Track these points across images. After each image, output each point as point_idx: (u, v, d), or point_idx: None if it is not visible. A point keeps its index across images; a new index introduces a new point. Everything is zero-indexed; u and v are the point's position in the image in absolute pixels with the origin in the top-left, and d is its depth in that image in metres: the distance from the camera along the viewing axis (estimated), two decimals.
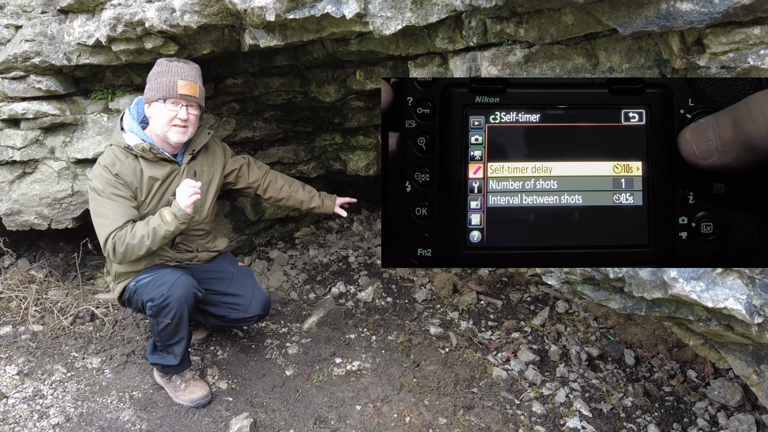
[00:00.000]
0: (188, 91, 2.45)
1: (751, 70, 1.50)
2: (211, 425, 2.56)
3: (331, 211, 3.12)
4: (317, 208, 3.09)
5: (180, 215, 2.40)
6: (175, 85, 2.43)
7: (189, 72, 2.48)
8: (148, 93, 2.49)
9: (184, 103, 2.46)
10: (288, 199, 3.05)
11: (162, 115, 2.46)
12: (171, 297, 2.43)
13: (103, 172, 2.44)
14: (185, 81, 2.44)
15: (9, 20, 3.06)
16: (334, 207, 3.11)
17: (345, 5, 2.11)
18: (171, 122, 2.47)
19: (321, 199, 3.09)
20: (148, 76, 2.52)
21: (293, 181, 3.10)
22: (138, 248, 2.38)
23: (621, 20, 1.65)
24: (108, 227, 2.39)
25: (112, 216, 2.40)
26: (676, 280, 1.62)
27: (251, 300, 2.77)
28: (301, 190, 3.07)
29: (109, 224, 2.39)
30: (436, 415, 2.71)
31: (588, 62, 1.92)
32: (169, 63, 2.49)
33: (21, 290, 3.38)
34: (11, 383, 2.72)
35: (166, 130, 2.48)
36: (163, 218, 2.40)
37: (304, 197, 3.06)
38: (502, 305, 3.75)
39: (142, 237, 2.37)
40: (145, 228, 2.39)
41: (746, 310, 1.52)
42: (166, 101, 2.44)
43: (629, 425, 2.76)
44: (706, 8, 1.46)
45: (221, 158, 2.84)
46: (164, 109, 2.45)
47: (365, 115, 3.85)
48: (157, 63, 2.52)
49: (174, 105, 2.46)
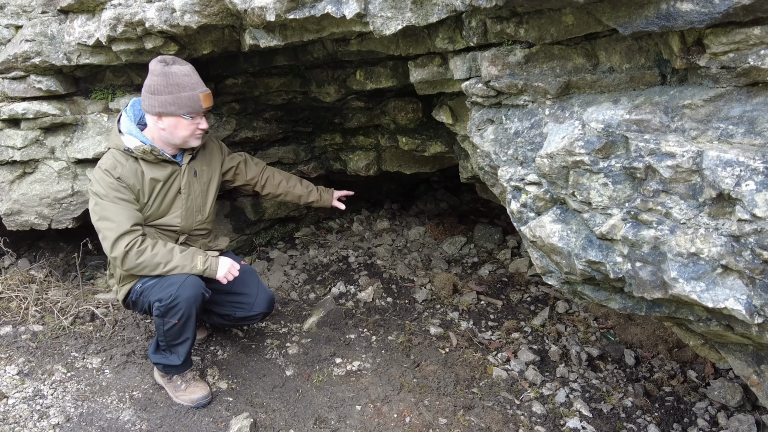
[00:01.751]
0: (209, 103, 2.46)
1: (752, 70, 1.50)
2: (211, 425, 2.56)
3: (329, 204, 3.14)
4: (315, 202, 3.11)
5: (208, 274, 2.50)
6: (199, 99, 2.42)
7: (198, 81, 2.44)
8: (164, 107, 2.39)
9: (203, 113, 2.49)
10: (286, 194, 3.06)
11: (184, 128, 2.47)
12: (180, 297, 2.43)
13: (105, 176, 2.42)
14: (206, 93, 2.44)
15: (9, 20, 3.06)
16: (332, 200, 3.13)
17: (345, 5, 2.11)
18: (194, 133, 2.50)
19: (319, 193, 3.11)
20: (153, 86, 2.39)
21: (290, 176, 3.11)
22: (150, 268, 2.42)
23: (621, 20, 1.65)
24: (115, 231, 2.38)
25: (118, 219, 2.39)
26: (676, 280, 1.62)
27: (256, 298, 2.78)
28: (298, 184, 3.08)
29: (116, 228, 2.38)
30: (436, 415, 2.71)
31: (588, 62, 1.92)
32: (171, 70, 2.37)
33: (21, 290, 3.38)
34: (11, 383, 2.72)
35: (188, 139, 2.51)
36: (194, 262, 2.48)
37: (302, 192, 3.07)
38: (502, 305, 3.75)
39: (159, 263, 2.42)
40: (167, 256, 2.44)
41: (746, 310, 1.51)
42: (194, 117, 2.46)
43: (629, 425, 2.76)
44: (707, 8, 1.46)
45: (218, 157, 2.84)
46: (187, 122, 2.46)
47: (365, 115, 3.84)
48: (159, 73, 2.38)
49: (197, 117, 2.48)
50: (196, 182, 2.68)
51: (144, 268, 2.41)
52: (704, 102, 1.61)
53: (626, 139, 1.72)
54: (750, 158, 1.48)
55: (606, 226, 1.79)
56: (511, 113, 2.15)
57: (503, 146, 2.16)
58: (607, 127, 1.75)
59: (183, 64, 2.42)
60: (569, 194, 1.88)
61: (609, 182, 1.76)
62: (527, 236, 2.03)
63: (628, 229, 1.73)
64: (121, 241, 2.37)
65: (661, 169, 1.62)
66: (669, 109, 1.68)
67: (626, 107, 1.76)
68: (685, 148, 1.59)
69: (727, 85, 1.58)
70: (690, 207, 1.61)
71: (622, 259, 1.78)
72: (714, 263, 1.57)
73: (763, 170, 1.45)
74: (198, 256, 2.50)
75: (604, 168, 1.76)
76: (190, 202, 2.65)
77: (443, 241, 4.53)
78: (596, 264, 1.84)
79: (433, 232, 4.67)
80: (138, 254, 2.38)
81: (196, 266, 2.46)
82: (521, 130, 2.09)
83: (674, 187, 1.62)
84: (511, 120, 2.14)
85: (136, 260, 2.38)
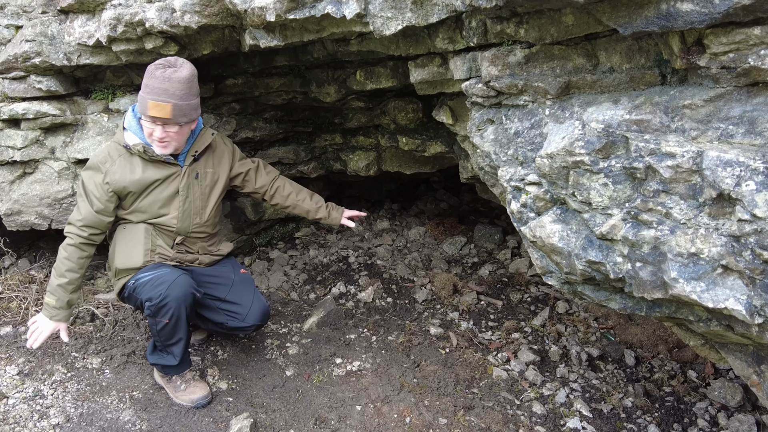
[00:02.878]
0: (157, 113, 2.32)
1: (752, 70, 1.50)
2: (211, 425, 2.56)
3: (337, 223, 3.02)
4: (323, 219, 2.99)
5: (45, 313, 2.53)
6: (146, 104, 2.33)
7: (166, 90, 2.31)
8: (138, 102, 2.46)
9: (159, 122, 2.38)
10: (294, 207, 2.97)
11: (145, 129, 2.45)
12: (169, 297, 2.43)
13: (93, 171, 2.53)
14: (155, 102, 2.30)
15: (9, 20, 3.06)
16: (341, 219, 3.01)
17: (345, 5, 2.11)
18: (150, 137, 2.46)
19: (328, 210, 2.99)
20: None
21: (301, 189, 3.00)
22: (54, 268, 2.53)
23: (621, 20, 1.65)
24: (71, 219, 2.55)
25: (79, 210, 2.54)
26: (676, 281, 1.62)
27: (249, 309, 2.73)
28: (308, 199, 2.98)
29: (75, 216, 2.54)
30: (437, 416, 2.71)
31: (588, 62, 1.92)
32: (155, 73, 2.33)
33: (21, 290, 3.38)
34: (11, 383, 2.72)
35: (151, 143, 2.49)
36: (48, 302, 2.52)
37: (310, 207, 2.97)
38: (502, 305, 3.75)
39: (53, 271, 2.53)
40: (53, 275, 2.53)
41: (746, 311, 1.51)
42: (153, 122, 2.39)
43: (629, 425, 2.76)
44: (707, 8, 1.46)
45: (228, 160, 2.79)
46: (144, 123, 2.44)
47: (365, 116, 3.85)
48: (147, 70, 2.36)
49: (150, 122, 2.39)
50: (196, 185, 2.66)
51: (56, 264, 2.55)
52: (704, 102, 1.61)
53: (626, 140, 1.72)
54: (750, 158, 1.48)
55: (606, 226, 1.79)
56: (511, 113, 2.15)
57: (503, 146, 2.16)
58: (607, 127, 1.75)
59: (173, 73, 2.33)
60: (569, 194, 1.88)
61: (609, 182, 1.76)
62: (527, 236, 2.03)
63: (628, 229, 1.73)
64: (68, 227, 2.55)
65: (662, 169, 1.62)
66: (669, 109, 1.68)
67: (626, 107, 1.76)
68: (686, 148, 1.59)
69: (727, 85, 1.58)
70: (690, 207, 1.61)
71: (622, 260, 1.78)
72: (714, 263, 1.57)
73: (763, 170, 1.45)
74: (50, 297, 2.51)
75: (604, 168, 1.76)
76: (187, 205, 2.64)
77: (443, 241, 4.53)
78: (596, 264, 1.84)
79: (433, 232, 4.67)
80: (61, 250, 2.53)
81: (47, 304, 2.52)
82: (521, 130, 2.09)
83: (674, 187, 1.62)
84: (511, 120, 2.14)
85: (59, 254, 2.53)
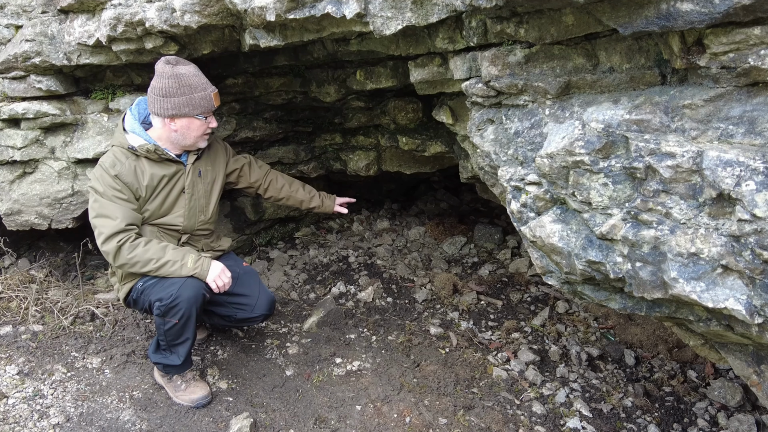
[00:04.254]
0: (219, 100, 2.53)
1: (752, 70, 1.50)
2: (211, 425, 2.56)
3: (330, 210, 3.16)
4: (317, 207, 3.12)
5: (198, 274, 2.46)
6: (211, 99, 2.47)
7: (206, 79, 2.48)
8: (178, 108, 2.42)
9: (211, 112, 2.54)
10: (288, 198, 3.08)
11: (196, 128, 2.52)
12: (180, 297, 2.43)
13: (104, 174, 2.45)
14: (216, 92, 2.49)
15: (9, 20, 3.06)
16: (334, 206, 3.15)
17: (345, 5, 2.11)
18: (204, 133, 2.56)
19: (321, 199, 3.12)
20: (165, 89, 2.39)
21: (293, 180, 3.12)
22: (141, 264, 2.42)
23: (621, 20, 1.65)
24: (111, 228, 2.39)
25: (114, 217, 2.41)
26: (676, 280, 1.62)
27: (257, 300, 2.78)
28: (301, 189, 3.09)
29: (113, 225, 2.40)
30: (437, 415, 2.71)
31: (588, 62, 1.92)
32: (182, 71, 2.39)
33: (21, 290, 3.38)
34: (11, 383, 2.72)
35: (198, 140, 2.56)
36: (185, 260, 2.45)
37: (303, 197, 3.09)
38: (502, 305, 3.75)
39: (151, 259, 2.41)
40: (159, 253, 2.42)
41: (746, 311, 1.51)
42: (207, 117, 2.52)
43: (629, 425, 2.76)
44: (707, 8, 1.46)
45: (223, 158, 2.85)
46: (199, 123, 2.51)
47: (365, 115, 3.84)
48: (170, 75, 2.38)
49: (209, 117, 2.54)
50: (200, 182, 2.69)
51: (136, 263, 2.41)
52: (704, 102, 1.61)
53: (626, 139, 1.72)
54: (750, 158, 1.48)
55: (606, 226, 1.79)
56: (511, 113, 2.15)
57: (503, 146, 2.16)
58: (607, 127, 1.75)
59: (187, 65, 2.45)
60: (569, 194, 1.88)
61: (609, 182, 1.77)
62: (527, 236, 2.03)
63: (628, 229, 1.73)
64: (114, 237, 2.39)
65: (661, 169, 1.62)
66: (669, 109, 1.68)
67: (626, 107, 1.76)
68: (685, 148, 1.59)
69: (727, 85, 1.58)
70: (690, 207, 1.61)
71: (622, 259, 1.78)
72: (714, 263, 1.57)
73: (763, 170, 1.45)
74: (190, 254, 2.49)
75: (604, 168, 1.76)
76: (193, 202, 2.67)
77: (443, 241, 4.53)
78: (596, 264, 1.84)
79: (433, 232, 4.67)
80: (130, 249, 2.39)
81: (186, 264, 2.45)
82: (521, 130, 2.09)
83: (674, 187, 1.62)
84: (511, 120, 2.14)
85: (128, 255, 2.39)
